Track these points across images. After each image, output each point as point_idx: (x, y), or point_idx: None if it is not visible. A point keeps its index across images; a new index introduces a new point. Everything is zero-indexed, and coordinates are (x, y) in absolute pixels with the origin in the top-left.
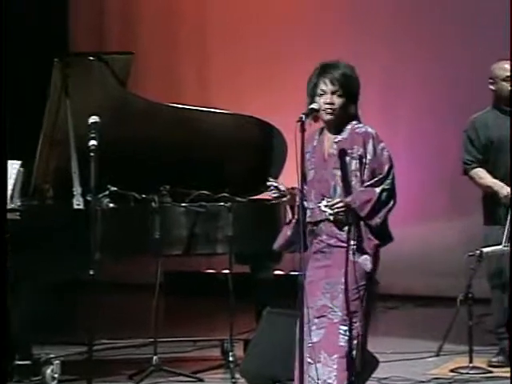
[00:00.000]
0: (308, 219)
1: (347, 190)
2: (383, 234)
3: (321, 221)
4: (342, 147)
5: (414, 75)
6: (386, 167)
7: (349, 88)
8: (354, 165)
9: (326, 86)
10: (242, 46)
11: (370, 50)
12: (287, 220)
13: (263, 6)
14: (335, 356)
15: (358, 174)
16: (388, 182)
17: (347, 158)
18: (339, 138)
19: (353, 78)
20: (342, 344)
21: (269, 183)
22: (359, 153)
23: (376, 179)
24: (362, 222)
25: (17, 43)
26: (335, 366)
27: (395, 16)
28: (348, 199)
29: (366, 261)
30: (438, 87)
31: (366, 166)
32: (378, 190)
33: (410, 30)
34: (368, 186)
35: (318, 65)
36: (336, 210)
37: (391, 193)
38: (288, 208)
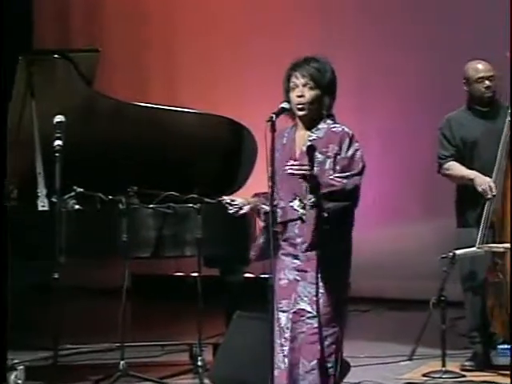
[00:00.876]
0: (279, 219)
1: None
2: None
3: (292, 220)
4: (316, 145)
5: (385, 76)
6: (360, 166)
7: (321, 80)
8: (328, 164)
9: (297, 79)
10: (211, 45)
11: (340, 51)
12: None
13: (232, 4)
14: (314, 362)
15: (332, 172)
16: (357, 178)
17: (322, 157)
18: (314, 136)
19: (325, 70)
20: (320, 349)
21: (223, 201)
22: (334, 152)
23: (348, 173)
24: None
25: None
26: (314, 372)
27: (366, 16)
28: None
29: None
30: (409, 87)
31: (339, 165)
32: (345, 181)
33: (380, 31)
34: (338, 176)
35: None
36: (299, 172)
37: (355, 193)
38: (256, 216)
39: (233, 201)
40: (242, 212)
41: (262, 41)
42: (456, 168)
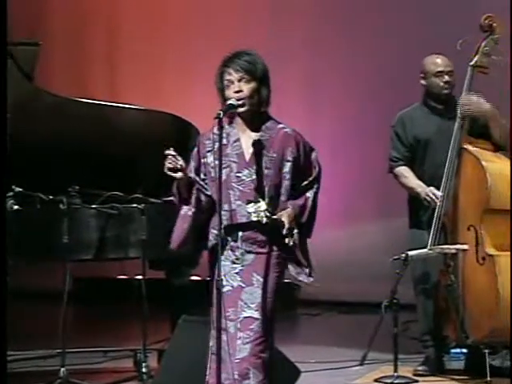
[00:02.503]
0: (225, 222)
1: (277, 192)
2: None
3: (241, 224)
4: (269, 146)
5: (335, 76)
6: (316, 170)
7: (255, 72)
8: (288, 167)
9: (230, 75)
10: (156, 41)
11: (289, 50)
12: (178, 203)
13: (178, 3)
14: (262, 370)
15: (289, 176)
16: (317, 185)
17: (278, 158)
18: (266, 136)
19: (257, 61)
20: (265, 356)
21: (167, 152)
22: (293, 155)
23: (306, 182)
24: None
25: None
26: (266, 381)
27: (316, 15)
28: (289, 210)
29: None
30: (360, 87)
31: (299, 169)
32: (309, 194)
33: (330, 29)
34: (298, 190)
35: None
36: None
37: (318, 196)
38: (181, 188)
39: (178, 157)
40: (179, 175)
41: (208, 39)
42: (404, 176)
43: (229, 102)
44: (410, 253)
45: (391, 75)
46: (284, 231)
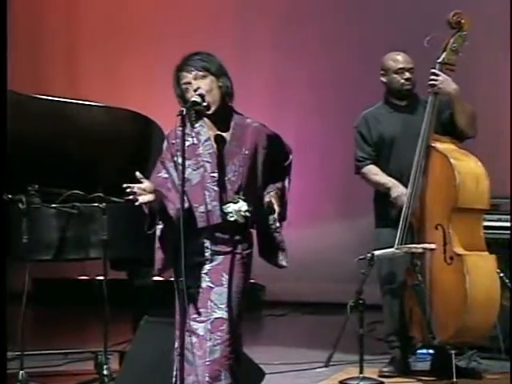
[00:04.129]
0: (202, 224)
1: (253, 188)
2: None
3: (217, 225)
4: (238, 141)
5: (301, 72)
6: (290, 156)
7: (209, 67)
8: (260, 162)
9: (186, 77)
10: (116, 38)
11: (255, 47)
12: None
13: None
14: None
15: (263, 171)
16: (288, 177)
17: (248, 152)
18: (236, 134)
19: (209, 58)
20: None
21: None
22: (265, 149)
23: (285, 164)
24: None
25: None
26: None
27: (282, 12)
28: (272, 193)
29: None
30: (325, 84)
31: (271, 160)
32: (286, 181)
33: (297, 26)
34: (273, 182)
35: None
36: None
37: (290, 184)
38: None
39: (139, 187)
40: (143, 200)
41: (174, 38)
42: (374, 173)
43: (192, 98)
44: (376, 252)
45: (356, 74)
46: (276, 214)
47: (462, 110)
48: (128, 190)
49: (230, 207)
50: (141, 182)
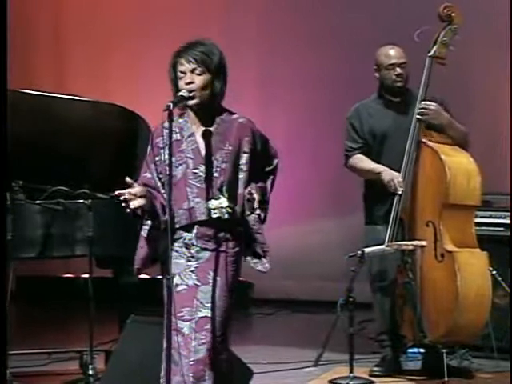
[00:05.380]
0: (184, 221)
1: (235, 185)
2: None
3: (200, 222)
4: (223, 138)
5: (290, 67)
6: (275, 161)
7: (209, 64)
8: (244, 159)
9: (183, 66)
10: (102, 32)
11: (243, 40)
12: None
13: None
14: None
15: (246, 167)
16: (273, 177)
17: (233, 150)
18: (220, 129)
19: (213, 53)
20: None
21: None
22: (250, 146)
23: (267, 170)
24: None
25: None
26: None
27: (270, 5)
28: (253, 185)
29: (258, 263)
30: (315, 79)
31: (255, 159)
32: (268, 183)
33: (285, 20)
34: (255, 179)
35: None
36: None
37: (273, 186)
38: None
39: (129, 191)
40: (134, 205)
41: (159, 28)
42: (363, 161)
43: (179, 93)
44: (366, 250)
45: (346, 71)
46: (255, 204)
47: (455, 136)
48: (121, 198)
49: (212, 204)
50: (130, 187)
